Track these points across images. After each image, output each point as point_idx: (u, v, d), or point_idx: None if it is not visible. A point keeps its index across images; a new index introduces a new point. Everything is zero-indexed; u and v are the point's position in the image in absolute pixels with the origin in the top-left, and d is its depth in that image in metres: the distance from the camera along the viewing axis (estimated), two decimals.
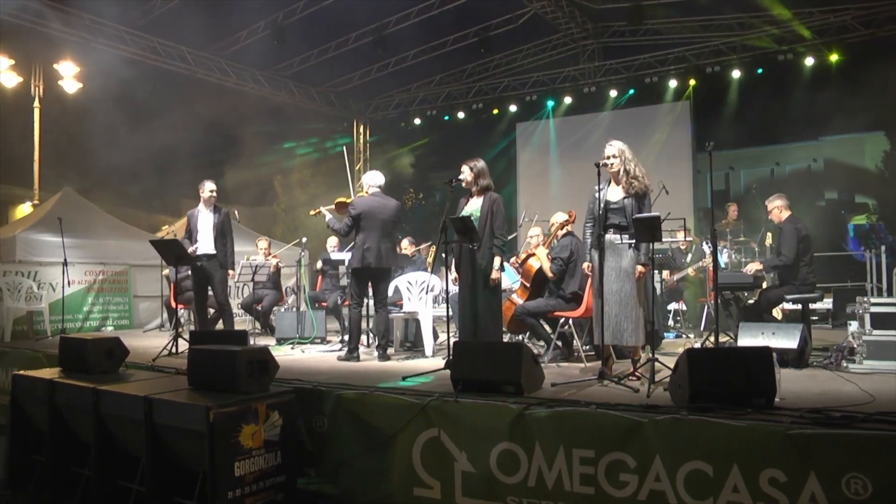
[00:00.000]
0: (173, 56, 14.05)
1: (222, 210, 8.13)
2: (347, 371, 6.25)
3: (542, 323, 6.94)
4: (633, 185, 5.49)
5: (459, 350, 4.99)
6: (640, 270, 5.40)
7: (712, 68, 14.15)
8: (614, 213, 5.51)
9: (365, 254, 6.96)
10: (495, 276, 6.01)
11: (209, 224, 7.96)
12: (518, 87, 16.28)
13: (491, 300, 6.07)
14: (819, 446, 3.39)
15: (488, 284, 6.03)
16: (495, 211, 6.13)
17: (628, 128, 14.49)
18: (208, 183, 8.11)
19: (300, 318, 8.84)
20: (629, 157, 5.54)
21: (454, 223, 5.94)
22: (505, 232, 6.14)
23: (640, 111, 15.20)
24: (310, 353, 7.85)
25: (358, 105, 18.35)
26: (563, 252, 6.82)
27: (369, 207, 7.10)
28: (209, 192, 8.06)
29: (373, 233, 7.01)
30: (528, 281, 7.18)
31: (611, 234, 5.48)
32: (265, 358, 4.68)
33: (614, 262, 5.47)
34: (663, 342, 7.80)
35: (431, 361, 6.87)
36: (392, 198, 7.33)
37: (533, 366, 4.89)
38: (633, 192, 5.49)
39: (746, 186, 16.61)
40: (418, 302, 7.80)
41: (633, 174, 5.49)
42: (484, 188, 6.23)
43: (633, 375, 5.33)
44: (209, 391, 4.54)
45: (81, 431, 5.06)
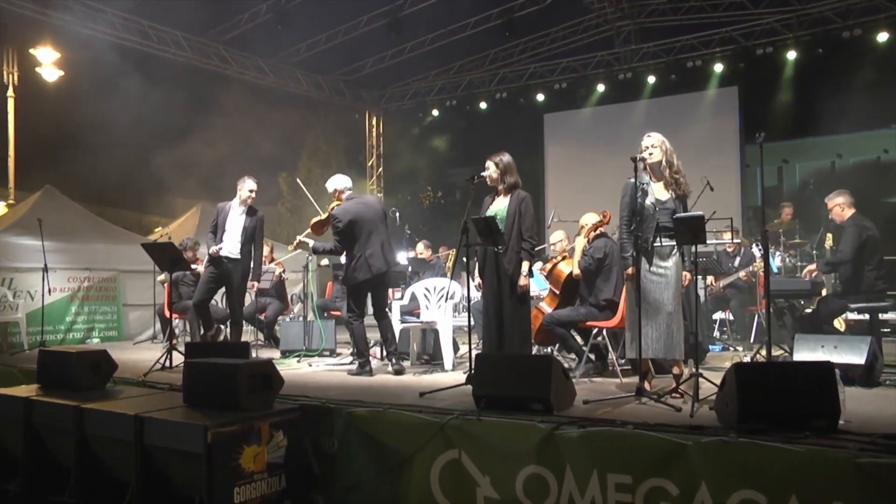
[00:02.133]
0: (167, 42, 14.15)
1: (258, 213, 7.93)
2: (359, 386, 6.26)
3: (573, 334, 6.91)
4: (679, 182, 5.47)
5: (482, 363, 4.98)
6: (688, 277, 5.37)
7: (764, 50, 14.02)
8: (664, 215, 5.46)
9: (371, 262, 7.00)
10: (523, 283, 5.99)
11: (239, 226, 7.84)
12: (546, 73, 16.26)
13: (518, 309, 6.05)
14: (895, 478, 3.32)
15: (515, 292, 6.02)
16: (524, 211, 6.11)
17: (668, 118, 14.42)
18: (249, 181, 7.89)
19: (307, 329, 8.88)
20: (671, 149, 5.51)
21: (476, 224, 5.93)
22: (535, 234, 6.11)
23: (681, 99, 15.13)
24: (318, 366, 7.88)
25: (370, 95, 18.42)
26: (596, 253, 6.79)
27: (356, 213, 7.13)
28: (248, 191, 7.84)
29: (369, 237, 7.06)
30: (558, 287, 7.16)
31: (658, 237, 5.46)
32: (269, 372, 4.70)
33: (656, 266, 5.44)
34: (708, 356, 7.74)
35: (451, 376, 6.86)
36: (370, 195, 7.35)
37: (563, 381, 4.87)
38: (680, 193, 5.48)
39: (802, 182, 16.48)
40: (437, 310, 7.81)
41: (677, 168, 5.47)
42: (511, 186, 6.22)
43: (675, 392, 5.30)
44: (207, 409, 4.57)
45: (61, 455, 5.05)
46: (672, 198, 5.47)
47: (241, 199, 7.88)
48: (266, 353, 9.00)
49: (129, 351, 9.57)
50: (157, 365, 7.28)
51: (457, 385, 5.80)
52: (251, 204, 7.91)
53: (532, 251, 6.09)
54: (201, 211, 13.27)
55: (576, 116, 16.56)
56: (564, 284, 7.11)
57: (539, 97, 16.34)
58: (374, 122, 19.03)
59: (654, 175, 5.56)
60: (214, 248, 7.74)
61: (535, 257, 6.60)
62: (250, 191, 7.87)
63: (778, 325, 7.94)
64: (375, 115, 18.99)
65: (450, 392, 5.65)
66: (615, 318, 6.58)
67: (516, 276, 6.02)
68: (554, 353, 7.61)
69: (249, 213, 7.90)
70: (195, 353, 6.03)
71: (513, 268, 6.04)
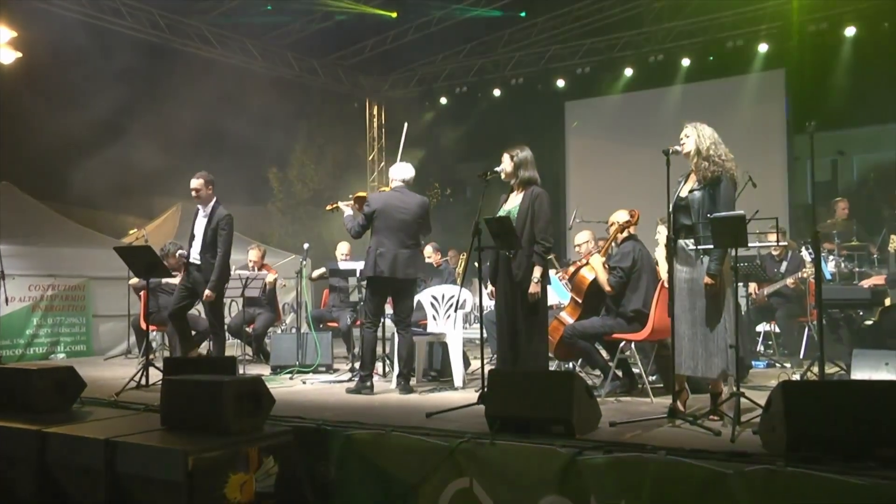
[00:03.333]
0: (141, 21, 14.18)
1: (218, 212, 7.96)
2: (359, 406, 6.29)
3: (597, 347, 6.92)
4: (705, 167, 5.42)
5: (496, 380, 5.00)
6: (707, 281, 5.35)
7: (817, 26, 13.89)
8: (681, 212, 5.49)
9: (378, 260, 7.04)
10: (534, 290, 6.02)
11: (201, 228, 7.98)
12: (567, 56, 16.23)
13: (531, 320, 6.07)
14: None
15: (528, 301, 6.04)
16: (537, 210, 6.13)
17: (705, 105, 14.38)
18: (193, 179, 8.01)
19: (301, 342, 8.93)
20: (706, 135, 5.47)
21: (490, 225, 5.95)
22: (549, 236, 6.12)
23: (720, 84, 15.07)
24: (313, 384, 7.93)
25: (371, 81, 18.46)
26: (625, 260, 6.79)
27: (385, 204, 7.21)
28: (191, 189, 7.97)
29: (389, 235, 7.10)
30: (581, 296, 7.16)
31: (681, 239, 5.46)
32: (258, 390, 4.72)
33: (686, 272, 5.44)
34: (751, 372, 7.75)
35: (462, 395, 6.90)
36: (418, 194, 7.40)
37: (587, 400, 4.89)
38: (709, 178, 5.42)
39: (861, 176, 16.34)
40: (445, 321, 7.83)
41: (706, 154, 5.42)
42: (525, 182, 6.23)
43: (713, 414, 5.29)
44: (188, 432, 4.59)
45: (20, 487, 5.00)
46: (692, 189, 5.46)
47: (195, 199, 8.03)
48: (255, 370, 9.03)
49: (99, 367, 9.62)
50: (132, 383, 7.33)
51: (468, 405, 5.82)
52: (210, 202, 7.98)
53: (545, 255, 6.10)
54: (182, 211, 13.33)
55: (601, 104, 16.56)
56: (588, 292, 7.11)
57: (559, 83, 16.33)
58: (374, 111, 19.08)
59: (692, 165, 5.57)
60: (179, 253, 7.93)
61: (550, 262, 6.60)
62: (191, 189, 7.94)
63: (832, 338, 7.91)
64: (376, 103, 19.04)
65: (460, 413, 5.67)
66: (644, 331, 6.58)
67: (527, 282, 6.03)
68: (576, 369, 7.61)
69: (212, 214, 7.96)
70: (175, 369, 6.03)
71: (522, 273, 6.06)
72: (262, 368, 9.18)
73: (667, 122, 13.23)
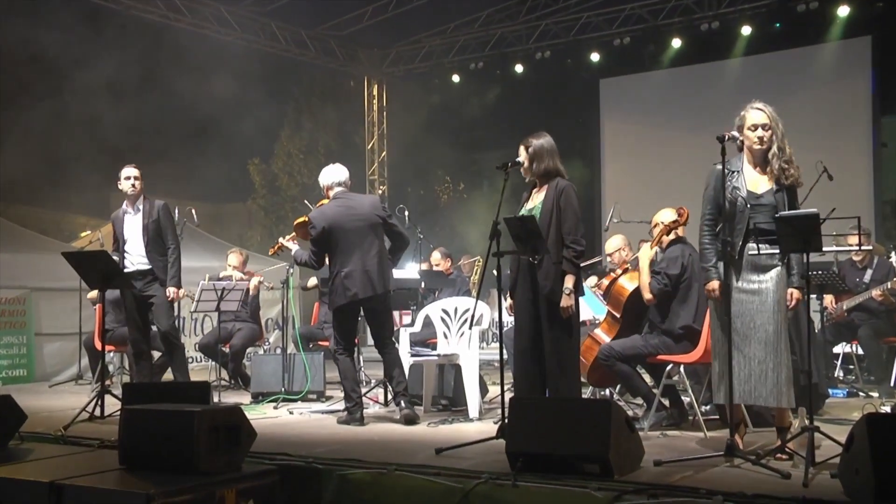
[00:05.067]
0: None
1: (154, 203, 8.13)
2: (356, 440, 6.28)
3: (639, 371, 6.89)
4: (788, 171, 5.45)
5: (519, 411, 4.98)
6: (796, 296, 5.35)
7: None
8: (760, 213, 5.45)
9: (346, 284, 7.14)
10: (566, 303, 5.94)
11: (137, 227, 8.04)
12: (602, 26, 16.22)
13: (561, 341, 6.02)
14: None
15: (557, 316, 5.98)
16: (563, 206, 6.06)
17: (769, 82, 14.38)
18: (125, 169, 8.10)
19: (287, 365, 8.90)
20: (783, 131, 5.50)
21: (511, 226, 5.93)
22: (580, 237, 6.07)
23: (788, 56, 15.05)
24: (301, 414, 7.92)
25: (370, 55, 18.50)
26: (672, 267, 6.75)
27: (332, 218, 7.26)
28: (125, 181, 8.05)
29: (348, 251, 7.19)
30: (619, 310, 7.14)
31: (754, 243, 5.44)
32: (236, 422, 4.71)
33: (747, 281, 5.41)
34: (827, 402, 7.69)
35: (478, 427, 6.89)
36: (366, 194, 7.46)
37: (626, 434, 4.87)
38: (787, 184, 5.45)
39: None
40: (458, 340, 7.82)
41: (787, 156, 5.46)
42: (546, 175, 6.19)
43: (781, 452, 5.26)
44: (151, 472, 4.57)
45: None
46: (772, 190, 5.45)
47: (126, 194, 8.08)
48: (232, 397, 9.04)
49: (43, 395, 9.61)
50: (84, 414, 7.28)
51: (485, 439, 5.80)
52: (140, 195, 8.07)
53: (576, 260, 6.04)
54: None
55: (643, 82, 16.57)
56: (627, 305, 7.08)
57: (593, 57, 16.32)
58: (374, 91, 19.12)
59: (753, 160, 5.54)
60: None
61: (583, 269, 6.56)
62: (126, 178, 8.05)
63: None
64: (376, 82, 19.07)
65: (476, 448, 5.66)
66: (696, 352, 6.54)
67: (556, 294, 5.97)
68: (614, 396, 7.58)
69: (145, 208, 8.08)
70: (136, 396, 6.03)
71: (551, 284, 6.00)
72: (240, 396, 9.17)
73: (722, 102, 13.15)
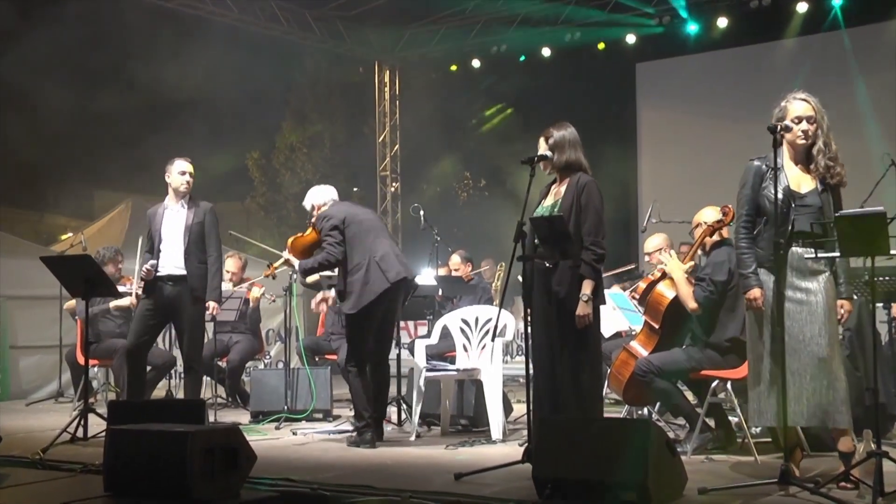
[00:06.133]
0: None
1: (201, 204, 8.08)
2: (367, 464, 6.29)
3: (680, 388, 6.87)
4: (833, 170, 5.45)
5: (547, 432, 4.99)
6: (846, 308, 5.34)
7: None
8: (803, 214, 5.45)
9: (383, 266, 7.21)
10: (582, 311, 5.91)
11: (180, 228, 7.97)
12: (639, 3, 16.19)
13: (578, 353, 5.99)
14: None
15: (573, 327, 5.97)
16: (584, 203, 6.05)
17: (827, 65, 14.25)
18: (178, 161, 8.03)
19: (290, 381, 8.92)
20: (829, 125, 5.50)
21: (538, 227, 5.93)
22: (601, 238, 6.04)
23: (852, 35, 14.76)
24: (306, 435, 7.93)
25: (381, 38, 18.44)
26: (718, 272, 6.72)
27: (346, 211, 7.45)
28: (179, 175, 7.97)
29: (375, 237, 7.33)
30: (657, 320, 7.10)
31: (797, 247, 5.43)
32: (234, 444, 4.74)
33: (801, 291, 5.40)
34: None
35: (501, 450, 6.88)
36: None
37: (667, 459, 4.86)
38: (832, 183, 5.46)
39: None
40: (480, 353, 7.82)
41: (833, 152, 5.46)
42: (566, 167, 6.19)
43: (845, 480, 5.21)
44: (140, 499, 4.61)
45: None
46: (817, 190, 5.45)
47: (175, 189, 8.04)
48: (230, 416, 9.06)
49: (19, 415, 9.64)
50: (65, 435, 7.29)
51: (509, 463, 5.79)
52: (190, 193, 8.04)
53: (596, 264, 6.03)
54: (132, 209, 13.32)
55: (684, 66, 16.47)
56: (667, 315, 7.04)
57: (629, 38, 16.27)
58: (386, 77, 19.08)
59: (794, 156, 5.56)
60: (146, 268, 7.86)
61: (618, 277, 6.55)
62: (181, 173, 8.00)
63: None
64: (388, 67, 19.04)
65: (499, 474, 5.64)
66: (745, 366, 6.50)
67: (571, 301, 5.96)
68: (653, 416, 7.58)
69: (191, 206, 8.04)
70: (123, 416, 6.03)
71: (566, 289, 5.97)
72: (238, 415, 9.21)
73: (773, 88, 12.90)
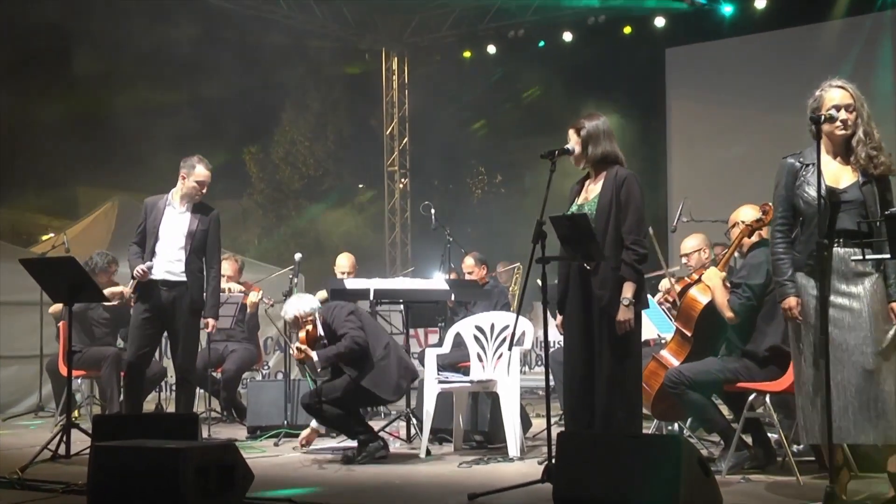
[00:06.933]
0: None
1: (211, 211, 8.09)
2: (373, 483, 6.30)
3: (714, 401, 6.83)
4: (877, 159, 5.42)
5: (569, 448, 4.97)
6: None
7: None
8: (844, 211, 5.42)
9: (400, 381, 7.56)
10: (624, 316, 5.92)
11: (181, 230, 7.98)
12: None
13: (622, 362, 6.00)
14: None
15: (614, 334, 5.98)
16: (625, 200, 6.04)
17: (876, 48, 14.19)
18: (199, 166, 8.00)
19: (290, 393, 8.93)
20: (869, 113, 5.47)
21: (558, 226, 5.91)
22: (643, 237, 6.05)
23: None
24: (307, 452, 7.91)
25: (388, 23, 18.48)
26: (755, 276, 6.69)
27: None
28: (195, 183, 7.97)
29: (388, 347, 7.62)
30: (690, 327, 7.08)
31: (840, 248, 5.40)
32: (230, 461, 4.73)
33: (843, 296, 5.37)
34: None
35: (519, 468, 6.86)
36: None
37: (700, 479, 4.84)
38: (876, 174, 5.42)
39: None
40: (496, 363, 7.81)
41: (876, 142, 5.42)
42: (602, 160, 6.18)
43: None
44: None
45: None
46: (857, 183, 5.42)
47: (185, 191, 8.01)
48: (225, 432, 9.08)
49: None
50: (46, 452, 7.28)
51: (528, 483, 5.76)
52: (199, 199, 8.03)
53: (638, 265, 6.02)
54: (119, 208, 13.35)
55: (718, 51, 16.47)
56: (700, 322, 7.03)
57: (658, 21, 16.26)
58: (394, 65, 19.11)
59: (832, 149, 5.53)
60: (141, 269, 7.82)
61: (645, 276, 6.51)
62: (199, 183, 7.97)
63: None
64: (396, 54, 19.08)
65: (517, 494, 5.64)
66: (786, 378, 6.45)
67: (613, 307, 5.95)
68: (685, 432, 7.54)
69: (197, 210, 8.02)
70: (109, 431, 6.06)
71: (609, 294, 5.97)
72: (234, 430, 9.21)
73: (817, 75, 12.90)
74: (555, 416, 6.42)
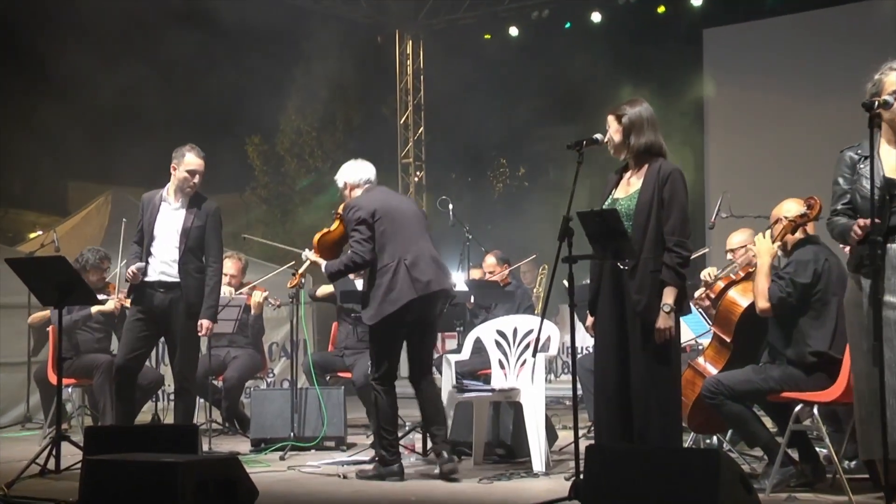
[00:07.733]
0: None
1: (208, 205, 8.10)
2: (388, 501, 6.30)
3: (756, 413, 6.82)
4: None
5: (598, 462, 4.96)
6: None
7: None
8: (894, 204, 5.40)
9: (414, 273, 7.10)
10: (663, 324, 5.91)
11: (175, 227, 7.99)
12: None
13: (657, 372, 5.98)
14: None
15: (651, 341, 5.97)
16: (668, 197, 6.03)
17: None
18: (189, 155, 7.99)
19: (298, 403, 8.94)
20: None
21: (586, 222, 5.91)
22: (685, 238, 6.05)
23: None
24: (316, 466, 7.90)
25: (402, 4, 18.51)
26: (802, 273, 6.66)
27: (384, 202, 7.38)
28: (186, 173, 7.93)
29: (410, 237, 7.27)
30: (729, 332, 7.07)
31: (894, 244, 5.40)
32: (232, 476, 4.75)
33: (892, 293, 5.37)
34: None
35: (545, 484, 6.87)
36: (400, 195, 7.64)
37: (741, 496, 4.84)
38: None
39: None
40: (519, 371, 7.81)
41: None
42: (643, 152, 6.17)
43: None
44: None
45: None
46: None
47: (177, 184, 8.02)
48: (227, 445, 9.10)
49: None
50: (34, 467, 7.29)
51: (555, 500, 5.79)
52: (195, 192, 8.03)
53: (681, 269, 6.01)
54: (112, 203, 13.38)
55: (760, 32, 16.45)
56: (740, 326, 7.01)
57: (694, 0, 16.25)
58: (408, 49, 19.14)
59: (893, 138, 5.51)
60: (131, 270, 7.86)
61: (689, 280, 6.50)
62: (190, 172, 7.96)
63: None
64: (411, 37, 19.11)
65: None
66: (835, 388, 6.44)
67: (652, 312, 5.95)
68: (724, 446, 7.53)
69: (192, 205, 8.03)
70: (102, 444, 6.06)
71: (647, 298, 5.96)
72: (237, 443, 9.23)
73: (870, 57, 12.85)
74: (583, 428, 6.40)
